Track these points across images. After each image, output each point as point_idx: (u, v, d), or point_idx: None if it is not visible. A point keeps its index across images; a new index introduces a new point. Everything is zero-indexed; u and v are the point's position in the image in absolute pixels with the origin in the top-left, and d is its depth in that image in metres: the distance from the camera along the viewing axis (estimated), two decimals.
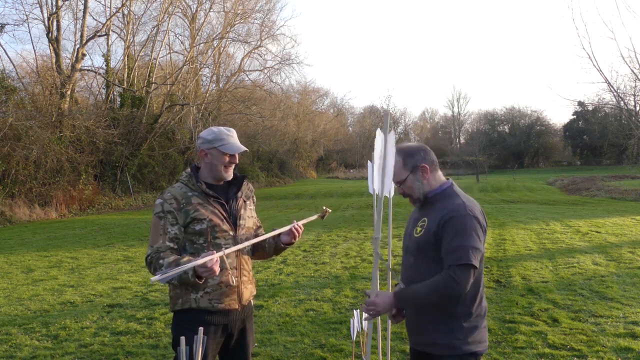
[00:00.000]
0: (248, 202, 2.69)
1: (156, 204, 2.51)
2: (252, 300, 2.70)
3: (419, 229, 2.35)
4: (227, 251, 2.30)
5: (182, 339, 1.96)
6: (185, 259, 2.35)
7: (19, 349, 4.74)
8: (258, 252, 2.74)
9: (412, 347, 2.48)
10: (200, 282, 2.34)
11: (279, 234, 2.62)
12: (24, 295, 6.74)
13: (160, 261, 2.36)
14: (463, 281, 2.12)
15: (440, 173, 2.41)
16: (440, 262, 2.19)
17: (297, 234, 2.60)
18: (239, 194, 2.63)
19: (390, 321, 2.66)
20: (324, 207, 2.82)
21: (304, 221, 2.61)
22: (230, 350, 2.60)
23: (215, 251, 2.29)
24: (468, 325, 2.26)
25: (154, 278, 2.16)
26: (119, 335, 5.04)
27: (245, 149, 2.58)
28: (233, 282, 2.48)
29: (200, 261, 2.20)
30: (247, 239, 2.56)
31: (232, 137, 2.57)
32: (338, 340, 4.71)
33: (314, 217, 2.70)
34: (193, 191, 2.52)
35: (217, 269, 2.25)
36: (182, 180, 2.58)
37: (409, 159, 2.36)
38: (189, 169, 2.62)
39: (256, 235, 2.66)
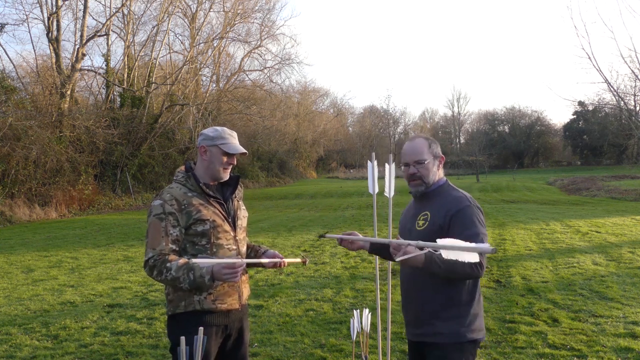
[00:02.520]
0: (241, 202, 2.71)
1: (155, 205, 2.44)
2: (247, 299, 2.71)
3: (421, 222, 2.40)
4: (246, 261, 2.41)
5: (182, 338, 1.96)
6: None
7: (19, 349, 4.74)
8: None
9: (411, 340, 2.47)
10: (213, 287, 2.38)
11: (267, 251, 2.72)
12: (24, 295, 6.74)
13: (168, 264, 2.33)
14: (484, 266, 2.24)
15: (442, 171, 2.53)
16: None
17: (280, 266, 2.63)
18: (235, 194, 2.63)
19: (389, 320, 2.67)
20: (303, 256, 2.94)
21: (289, 260, 2.67)
22: (229, 350, 2.58)
23: (240, 257, 2.42)
24: (472, 312, 2.31)
25: (195, 260, 2.22)
26: (119, 335, 5.04)
27: (245, 151, 2.57)
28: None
29: (231, 261, 2.25)
30: (244, 238, 2.66)
31: (234, 138, 2.58)
32: (338, 340, 4.71)
33: (298, 259, 2.79)
34: (192, 191, 2.48)
35: (239, 274, 2.31)
36: (178, 180, 2.53)
37: (434, 146, 2.47)
38: (182, 168, 2.58)
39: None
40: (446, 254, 1.92)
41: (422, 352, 2.38)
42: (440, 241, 1.94)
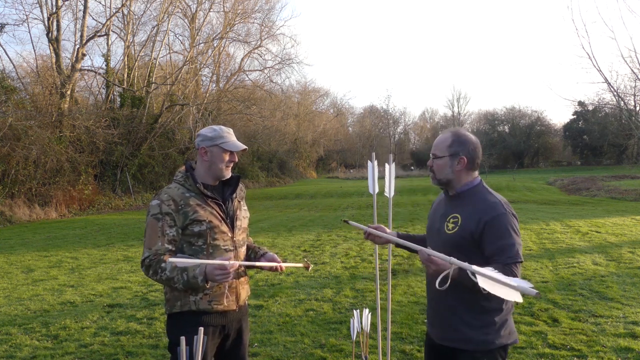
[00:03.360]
0: (242, 203, 2.70)
1: (152, 205, 2.45)
2: (246, 300, 2.71)
3: (450, 225, 2.32)
4: (239, 263, 2.38)
5: (183, 339, 1.96)
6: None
7: (19, 349, 4.74)
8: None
9: (435, 343, 2.42)
10: (207, 287, 2.36)
11: (266, 253, 2.71)
12: (24, 295, 6.74)
13: (163, 264, 2.34)
14: (519, 277, 2.15)
15: (475, 173, 2.40)
16: (474, 258, 2.13)
17: (276, 270, 2.63)
18: (235, 194, 2.63)
19: (389, 320, 2.66)
20: (307, 261, 2.90)
21: (288, 264, 2.65)
22: (227, 350, 2.59)
23: (231, 257, 2.38)
24: (500, 320, 2.27)
25: (172, 259, 2.20)
26: (119, 335, 5.04)
27: (246, 147, 2.57)
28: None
29: (218, 262, 2.23)
30: (243, 240, 2.63)
31: (232, 135, 2.58)
32: (338, 340, 4.71)
33: (299, 264, 2.76)
34: (190, 192, 2.48)
35: (231, 275, 2.29)
36: (177, 180, 2.53)
37: (456, 144, 2.35)
38: (183, 169, 2.58)
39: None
40: (483, 283, 1.86)
41: (445, 355, 2.35)
42: (482, 269, 1.89)
